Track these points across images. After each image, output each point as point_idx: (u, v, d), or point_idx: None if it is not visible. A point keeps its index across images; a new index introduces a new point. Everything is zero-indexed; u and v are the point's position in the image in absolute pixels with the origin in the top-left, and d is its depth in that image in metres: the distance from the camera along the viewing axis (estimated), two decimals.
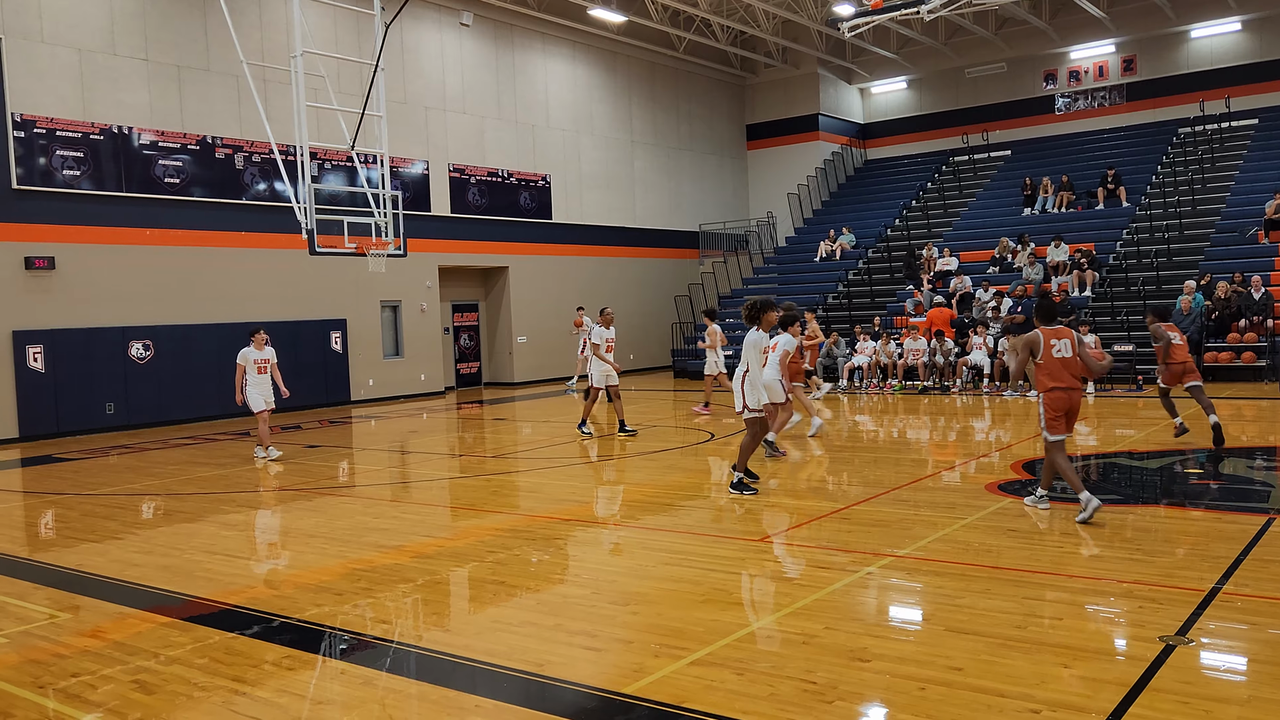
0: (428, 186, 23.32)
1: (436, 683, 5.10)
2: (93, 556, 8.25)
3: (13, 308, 16.82)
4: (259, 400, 13.60)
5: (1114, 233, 24.06)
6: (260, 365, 13.66)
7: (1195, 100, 27.72)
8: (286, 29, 19.77)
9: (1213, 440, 11.29)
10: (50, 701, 5.02)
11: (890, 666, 4.94)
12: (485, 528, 8.81)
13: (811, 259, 28.84)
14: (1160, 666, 4.78)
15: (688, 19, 28.27)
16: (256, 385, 13.61)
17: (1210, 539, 7.22)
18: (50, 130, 17.23)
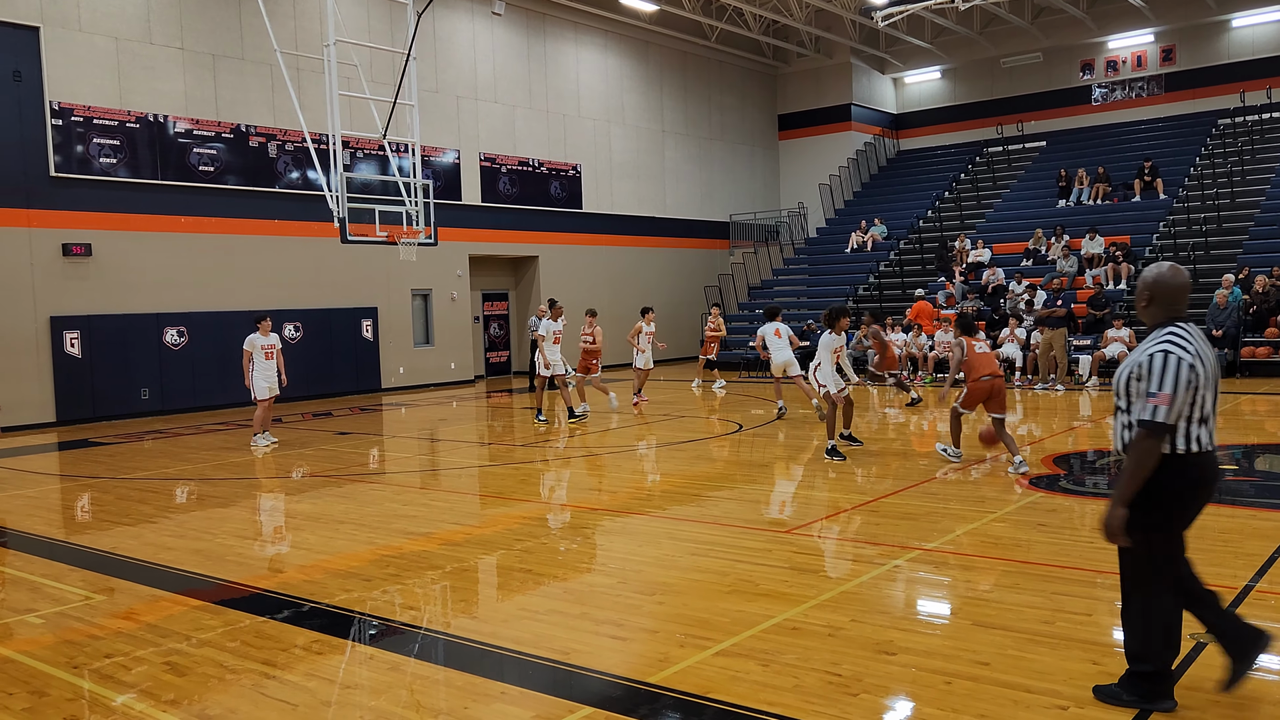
0: (459, 175, 23.40)
1: (463, 669, 5.14)
2: (127, 540, 8.37)
3: (51, 294, 17.06)
4: (264, 388, 13.74)
5: (1150, 225, 23.74)
6: (268, 351, 13.78)
7: (1236, 91, 27.26)
8: (320, 18, 19.88)
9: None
10: (85, 682, 5.10)
11: (916, 660, 4.92)
12: (513, 516, 8.85)
13: (842, 250, 28.68)
14: (1191, 664, 4.73)
15: (720, 8, 28.14)
16: (263, 372, 13.73)
17: (1244, 536, 7.13)
18: (87, 119, 17.44)
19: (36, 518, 9.67)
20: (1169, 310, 4.19)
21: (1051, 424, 13.75)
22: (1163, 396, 3.97)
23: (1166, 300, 4.19)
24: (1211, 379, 4.11)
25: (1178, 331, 4.11)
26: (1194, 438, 4.07)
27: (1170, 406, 3.97)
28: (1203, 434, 4.09)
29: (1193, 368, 4.01)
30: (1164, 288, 4.18)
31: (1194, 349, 4.05)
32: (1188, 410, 4.04)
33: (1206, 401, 4.08)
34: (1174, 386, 3.97)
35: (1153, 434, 4.00)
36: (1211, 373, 4.11)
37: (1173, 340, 4.07)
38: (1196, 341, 4.09)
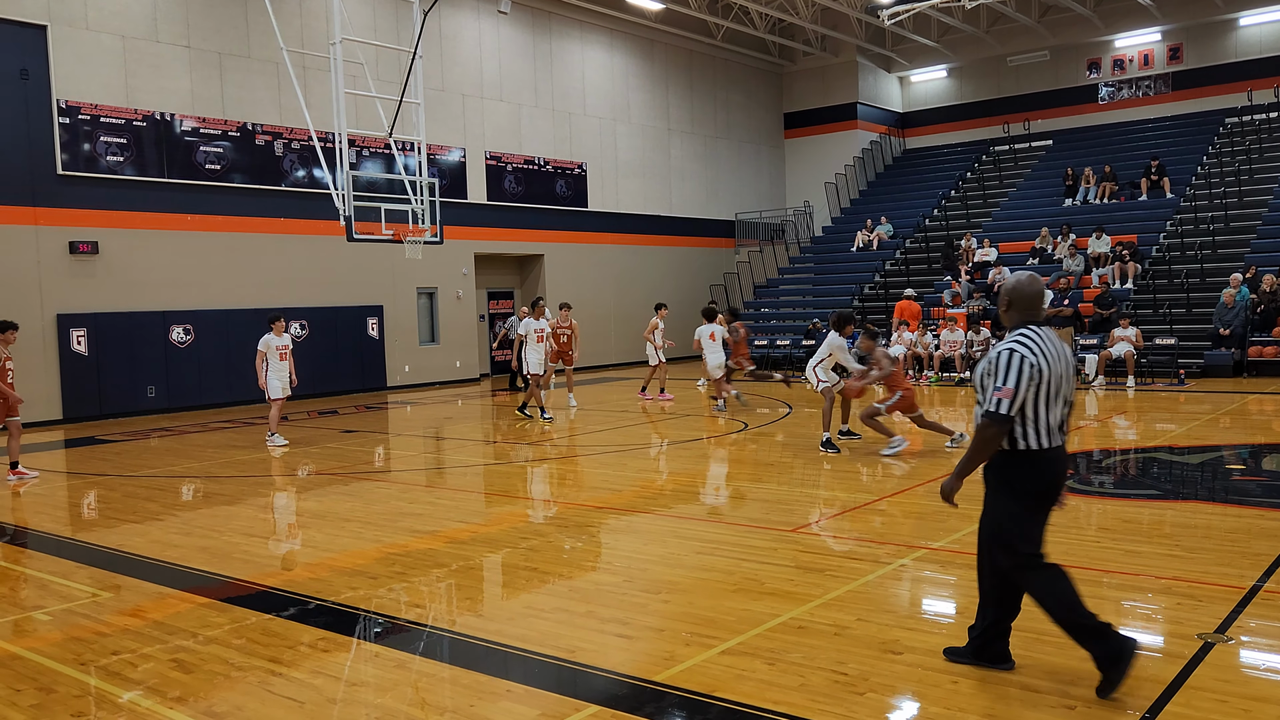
0: (464, 174, 23.41)
1: (469, 667, 5.14)
2: (133, 537, 8.39)
3: (57, 292, 17.11)
4: (278, 387, 13.75)
5: (1157, 224, 23.68)
6: (282, 352, 13.78)
7: (1243, 89, 27.19)
8: (326, 17, 19.88)
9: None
10: (91, 678, 5.12)
11: (922, 659, 4.91)
12: (519, 514, 8.86)
13: (848, 249, 28.66)
14: (1198, 664, 4.72)
15: (726, 6, 28.12)
16: (277, 372, 13.74)
17: (1251, 536, 7.11)
18: (94, 117, 17.47)
19: (44, 515, 9.69)
20: (1025, 315, 4.57)
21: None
22: (1006, 390, 4.33)
23: (1023, 306, 4.58)
24: (1060, 377, 4.44)
25: (1027, 333, 4.47)
26: (1039, 436, 4.41)
27: (1012, 400, 4.32)
28: (1045, 432, 4.42)
29: (1035, 365, 4.35)
30: (1021, 295, 4.59)
31: (1040, 348, 4.40)
32: (1036, 406, 4.37)
33: (1056, 402, 4.43)
34: (1016, 381, 4.32)
35: (994, 423, 4.36)
36: (1060, 371, 4.44)
37: (1021, 340, 4.44)
38: (1045, 342, 4.44)
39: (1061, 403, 4.46)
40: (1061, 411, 4.47)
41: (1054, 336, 4.52)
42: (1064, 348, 4.54)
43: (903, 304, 22.30)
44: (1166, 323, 19.76)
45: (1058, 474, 4.50)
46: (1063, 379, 4.46)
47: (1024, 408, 4.38)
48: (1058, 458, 4.48)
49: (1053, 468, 4.46)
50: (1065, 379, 4.48)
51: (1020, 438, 4.42)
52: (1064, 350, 4.52)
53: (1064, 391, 4.46)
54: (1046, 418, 4.41)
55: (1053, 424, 4.43)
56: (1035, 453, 4.42)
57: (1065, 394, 4.48)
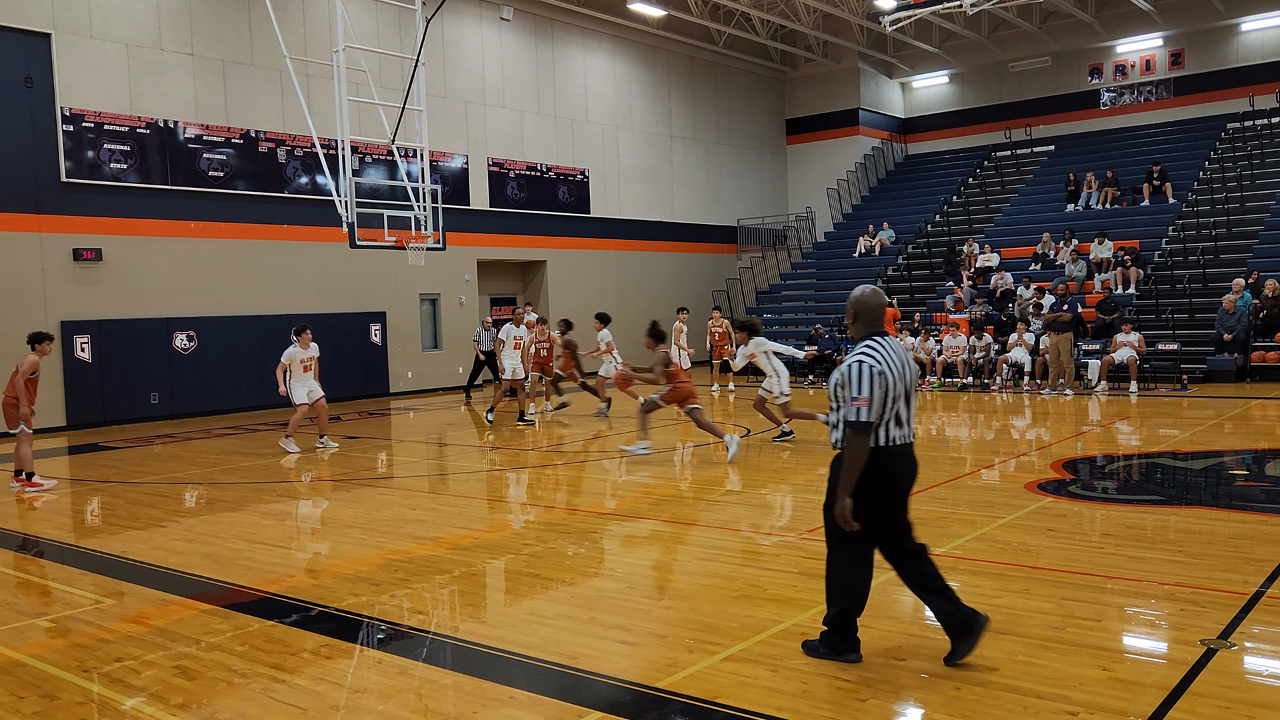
0: (467, 180, 23.45)
1: (471, 673, 5.14)
2: (137, 544, 8.39)
3: (61, 298, 17.14)
4: (303, 393, 13.72)
5: (1160, 229, 23.68)
6: (306, 364, 13.65)
7: (1245, 95, 27.21)
8: (329, 24, 19.94)
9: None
10: (94, 685, 5.12)
11: (925, 666, 4.91)
12: (521, 520, 8.86)
13: (850, 255, 28.67)
14: (1201, 670, 4.71)
15: (728, 13, 28.16)
16: (301, 381, 13.65)
17: (1255, 541, 7.10)
18: (98, 124, 17.52)
19: (47, 522, 9.70)
20: (869, 326, 4.91)
21: (1060, 429, 13.71)
22: (863, 399, 4.67)
23: (867, 317, 4.91)
24: (902, 383, 4.78)
25: (872, 344, 4.81)
26: (890, 435, 4.77)
27: (869, 407, 4.67)
28: (895, 432, 4.79)
29: (883, 374, 4.70)
30: (864, 307, 4.92)
31: (884, 358, 4.75)
32: (882, 409, 4.72)
33: (898, 405, 4.78)
34: (870, 390, 4.67)
35: (859, 431, 4.71)
36: (902, 378, 4.79)
37: (866, 352, 4.78)
38: (888, 351, 4.79)
39: (905, 404, 4.82)
40: (904, 410, 4.82)
41: (895, 344, 4.87)
42: (906, 354, 4.89)
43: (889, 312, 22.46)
44: (1169, 328, 19.75)
45: (901, 467, 4.85)
46: (904, 382, 4.81)
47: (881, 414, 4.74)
48: (902, 453, 4.83)
49: (897, 462, 4.82)
50: (907, 382, 4.83)
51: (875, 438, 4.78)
52: (905, 356, 4.88)
53: (905, 394, 4.81)
54: (891, 418, 4.77)
55: (898, 424, 4.80)
56: (881, 449, 4.77)
57: (909, 395, 4.84)
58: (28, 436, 11.46)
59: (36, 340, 11.43)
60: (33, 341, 11.42)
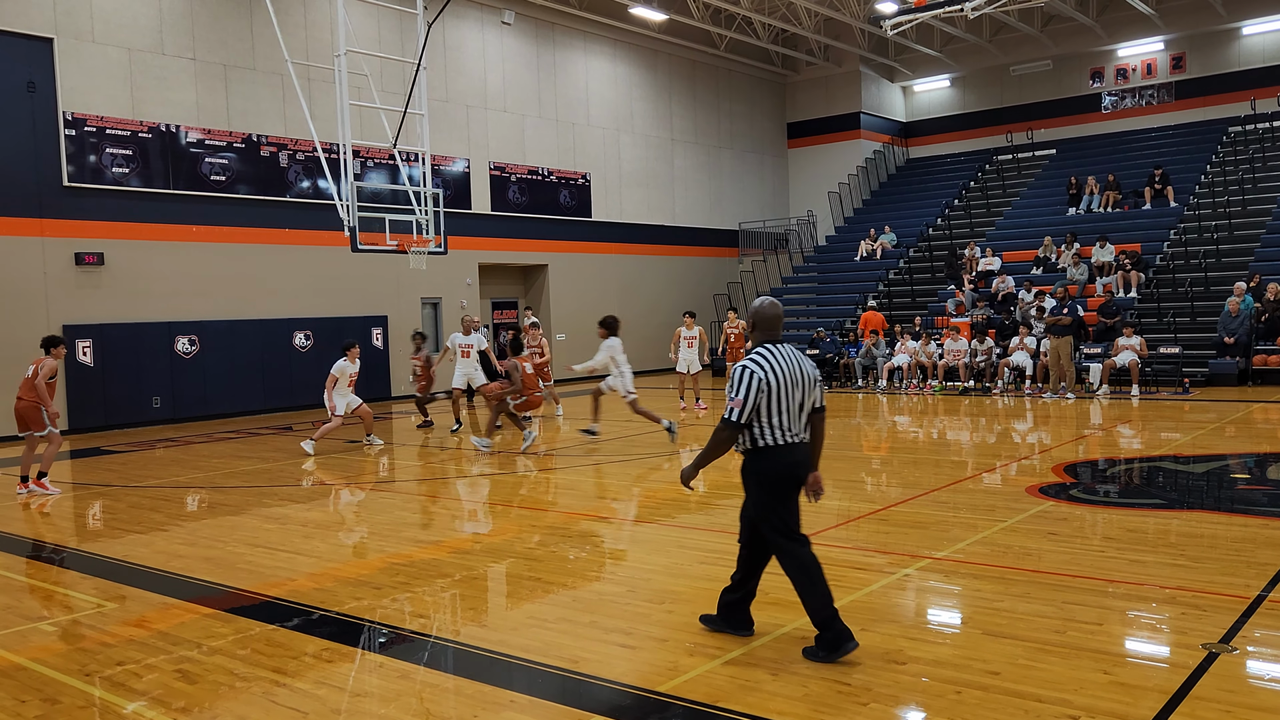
0: (468, 184, 23.47)
1: (473, 677, 5.14)
2: (138, 548, 8.40)
3: (63, 302, 17.16)
4: (343, 406, 14.13)
5: (1161, 233, 23.68)
6: (352, 378, 14.25)
7: (1246, 98, 27.21)
8: (330, 28, 19.98)
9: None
10: (96, 689, 5.13)
11: (926, 669, 4.91)
12: (522, 524, 8.86)
13: (852, 258, 28.67)
14: (1203, 674, 4.71)
15: (729, 17, 28.19)
16: (342, 395, 14.13)
17: (1256, 545, 7.10)
18: (100, 128, 17.55)
19: (49, 525, 9.71)
20: (766, 334, 5.27)
21: (1061, 432, 13.70)
22: (736, 400, 5.07)
23: (764, 326, 5.28)
24: (788, 388, 5.11)
25: (762, 351, 5.19)
26: (775, 435, 5.13)
27: (741, 408, 5.06)
28: (778, 433, 5.13)
29: (763, 379, 5.06)
30: (762, 317, 5.29)
31: (770, 364, 5.11)
32: (769, 411, 5.08)
33: (783, 408, 5.11)
34: (744, 393, 5.05)
35: (726, 427, 5.14)
36: (788, 384, 5.12)
37: (754, 358, 5.15)
38: (776, 359, 5.14)
39: (796, 407, 5.15)
40: (798, 415, 5.17)
41: (788, 352, 5.22)
42: (800, 361, 5.23)
43: (867, 315, 22.86)
44: (1171, 332, 19.74)
45: (792, 465, 5.19)
46: (795, 387, 5.14)
47: (759, 413, 5.09)
48: (792, 452, 5.18)
49: (787, 460, 5.17)
50: (800, 387, 5.17)
51: (759, 437, 5.14)
52: (799, 363, 5.21)
53: (798, 397, 5.15)
54: (780, 420, 5.12)
55: (786, 425, 5.13)
56: (772, 448, 5.15)
57: (800, 399, 5.17)
58: (59, 439, 11.51)
59: (52, 344, 11.45)
60: (48, 345, 11.44)
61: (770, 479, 5.20)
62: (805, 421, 5.25)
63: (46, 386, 11.19)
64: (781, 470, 5.19)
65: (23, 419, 11.27)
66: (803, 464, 5.25)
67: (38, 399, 11.16)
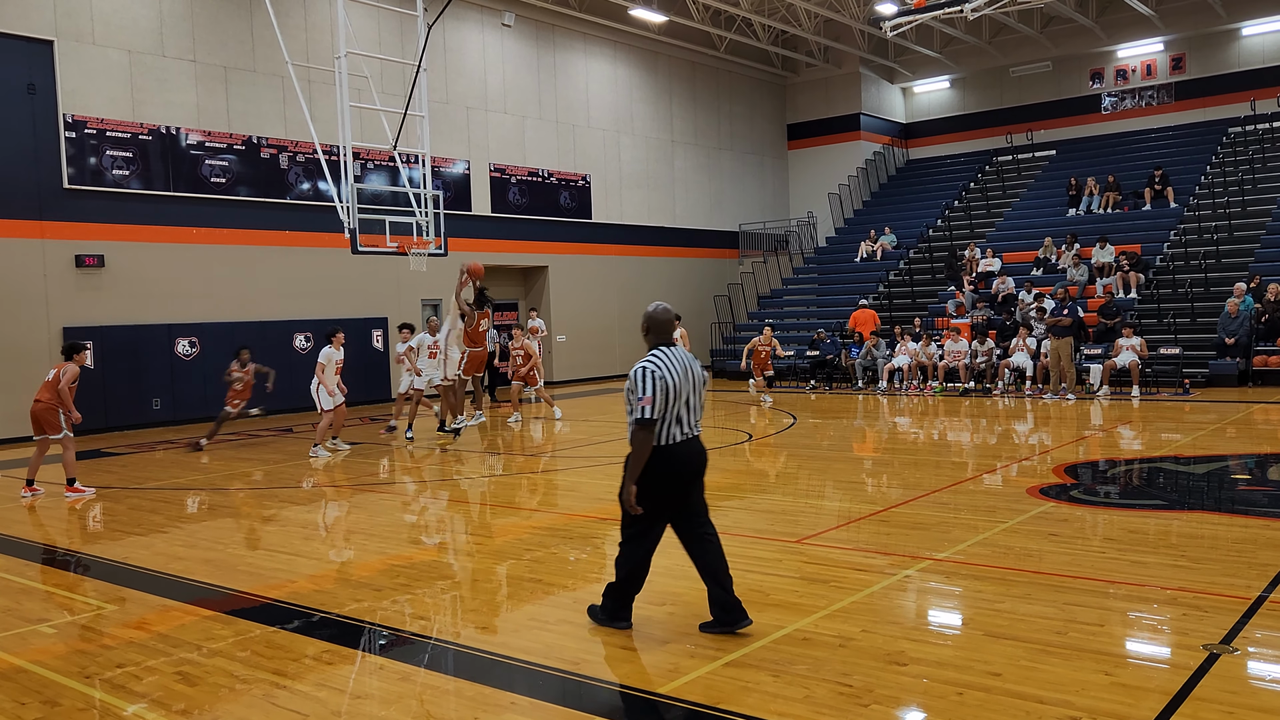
0: (469, 186, 23.47)
1: (473, 679, 5.14)
2: (138, 550, 8.40)
3: (63, 305, 17.16)
4: (329, 401, 14.02)
5: (1161, 234, 23.67)
6: (339, 366, 14.14)
7: (1246, 99, 27.21)
8: (330, 30, 19.98)
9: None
10: (96, 691, 5.12)
11: (928, 671, 4.90)
12: (523, 526, 8.86)
13: (852, 259, 28.67)
14: (1204, 675, 4.71)
15: (729, 18, 28.20)
16: (331, 381, 14.05)
17: (1257, 546, 7.09)
18: (100, 130, 17.55)
19: (49, 528, 9.71)
20: (659, 338, 5.62)
21: (1062, 433, 13.70)
22: (646, 399, 5.33)
23: (657, 330, 5.64)
24: (683, 389, 5.45)
25: (657, 353, 5.50)
26: (670, 434, 5.43)
27: (652, 406, 5.32)
28: (675, 430, 5.45)
29: (663, 378, 5.37)
30: (655, 322, 5.65)
31: (666, 364, 5.43)
32: (665, 411, 5.38)
33: (679, 406, 5.43)
34: (652, 391, 5.33)
35: (643, 427, 5.36)
36: (683, 384, 5.45)
37: (651, 359, 5.46)
38: (671, 360, 5.47)
39: (685, 407, 5.47)
40: (684, 412, 5.48)
41: (680, 354, 5.55)
42: (691, 363, 5.57)
43: (857, 314, 22.97)
44: (1171, 332, 19.73)
45: (684, 461, 5.49)
46: (686, 388, 5.47)
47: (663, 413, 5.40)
48: (683, 448, 5.49)
49: (679, 456, 5.47)
50: (690, 388, 5.51)
51: (659, 434, 5.43)
52: (690, 365, 5.56)
53: (686, 397, 5.48)
54: (672, 418, 5.43)
55: (684, 422, 5.47)
56: (664, 447, 5.42)
57: (688, 399, 5.49)
58: (73, 441, 11.49)
59: (74, 350, 11.47)
60: (70, 352, 11.45)
61: (664, 475, 5.44)
62: (699, 419, 5.59)
63: (68, 391, 11.16)
64: (677, 466, 5.47)
65: (38, 421, 11.22)
66: (699, 457, 5.58)
67: (57, 402, 11.14)
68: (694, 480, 5.57)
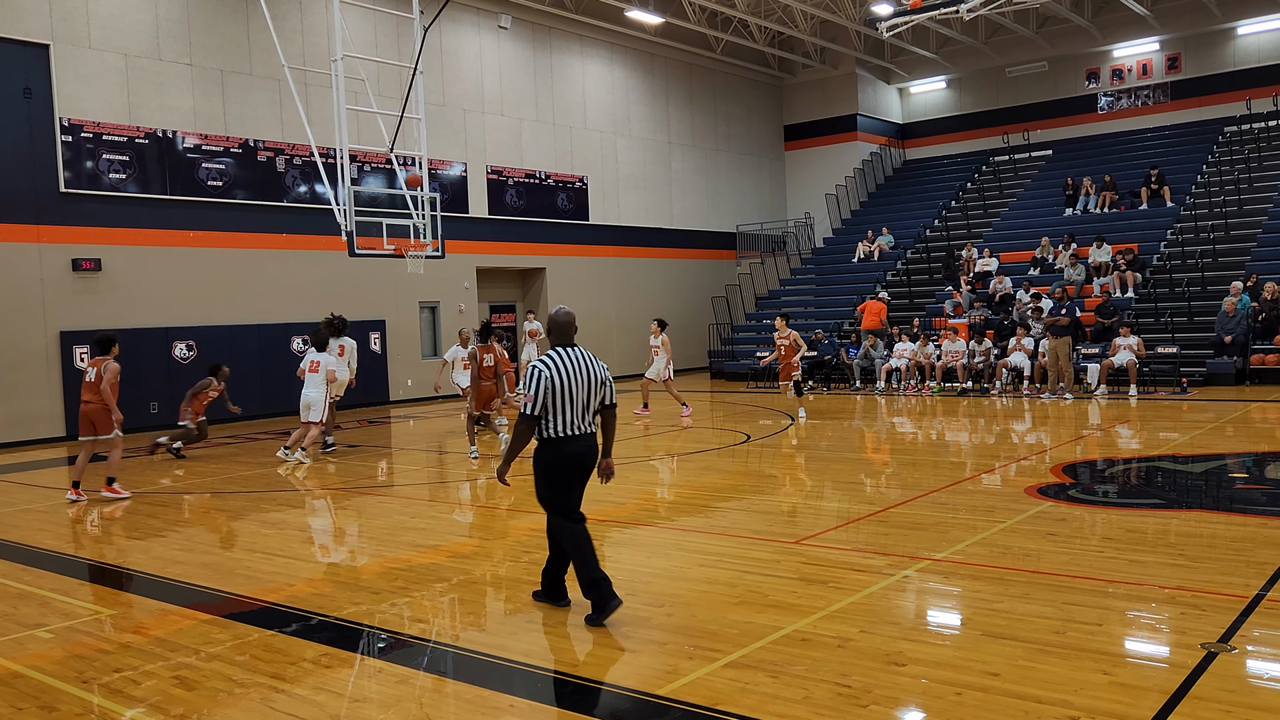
0: (465, 188, 23.47)
1: (471, 682, 5.13)
2: (136, 554, 8.39)
3: (60, 309, 17.14)
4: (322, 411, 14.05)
5: (1158, 233, 23.70)
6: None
7: (1242, 98, 27.26)
8: (327, 33, 19.98)
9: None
10: (94, 696, 5.11)
11: (926, 671, 4.90)
12: (521, 528, 8.85)
13: (849, 260, 28.68)
14: (1202, 674, 4.71)
15: (725, 20, 28.22)
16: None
17: (1255, 544, 7.10)
18: (97, 134, 17.54)
19: (46, 532, 9.69)
20: (560, 339, 6.04)
21: (1060, 433, 13.71)
22: (528, 396, 5.81)
23: (558, 332, 6.05)
24: (571, 388, 5.84)
25: (551, 353, 5.93)
26: (558, 427, 5.86)
27: (532, 404, 5.80)
28: (562, 425, 5.86)
29: (549, 377, 5.81)
30: (555, 324, 6.06)
31: (557, 364, 5.85)
32: (557, 407, 5.83)
33: (565, 404, 5.84)
34: (534, 390, 5.79)
35: (522, 420, 5.89)
36: (571, 383, 5.84)
37: (544, 360, 5.89)
38: (565, 360, 5.88)
39: (582, 404, 5.89)
40: (584, 411, 5.90)
41: (579, 354, 5.93)
42: (590, 363, 5.94)
43: (869, 303, 23.10)
44: (1168, 331, 19.75)
45: (575, 454, 5.90)
46: (580, 386, 5.87)
47: (548, 408, 5.83)
48: (574, 443, 5.89)
49: (570, 450, 5.88)
50: (586, 386, 5.89)
51: (546, 428, 5.89)
52: (587, 366, 5.92)
53: (583, 395, 5.88)
54: (565, 414, 5.85)
55: (570, 419, 5.86)
56: (557, 439, 5.88)
57: (585, 398, 5.89)
58: (121, 441, 11.34)
59: (109, 343, 11.19)
60: (105, 346, 11.16)
61: (556, 466, 5.91)
62: (593, 416, 6.00)
63: (110, 390, 10.94)
64: (566, 458, 5.90)
65: (89, 422, 11.03)
66: (587, 453, 5.96)
67: (104, 402, 10.94)
68: (582, 472, 5.99)
